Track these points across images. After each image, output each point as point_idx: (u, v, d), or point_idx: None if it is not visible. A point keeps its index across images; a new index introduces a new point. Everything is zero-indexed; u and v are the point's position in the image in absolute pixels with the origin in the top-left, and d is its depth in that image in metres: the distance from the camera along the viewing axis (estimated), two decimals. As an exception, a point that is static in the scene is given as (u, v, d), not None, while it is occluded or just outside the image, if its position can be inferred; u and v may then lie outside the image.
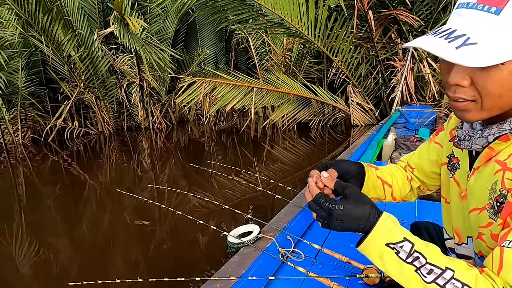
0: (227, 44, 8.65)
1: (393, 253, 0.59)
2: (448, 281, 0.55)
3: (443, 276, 0.56)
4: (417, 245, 0.60)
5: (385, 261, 0.60)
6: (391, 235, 0.61)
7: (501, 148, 0.62)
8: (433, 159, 0.88)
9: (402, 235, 0.61)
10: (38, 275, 2.50)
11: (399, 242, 0.60)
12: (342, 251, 1.39)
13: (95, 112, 7.50)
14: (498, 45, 0.51)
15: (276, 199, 1.97)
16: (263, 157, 5.26)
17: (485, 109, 0.58)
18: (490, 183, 0.63)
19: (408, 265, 0.58)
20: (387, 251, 0.60)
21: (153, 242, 2.82)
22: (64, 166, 5.44)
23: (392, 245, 0.60)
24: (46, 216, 3.54)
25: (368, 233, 0.62)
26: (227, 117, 7.90)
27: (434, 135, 0.90)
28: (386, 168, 0.94)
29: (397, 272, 0.60)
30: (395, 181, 0.92)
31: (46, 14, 5.96)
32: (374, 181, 0.89)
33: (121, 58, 6.98)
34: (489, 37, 0.52)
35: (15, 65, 6.44)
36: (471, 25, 0.54)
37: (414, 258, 0.58)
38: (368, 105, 6.39)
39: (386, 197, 0.92)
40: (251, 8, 5.35)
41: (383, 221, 0.62)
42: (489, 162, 0.64)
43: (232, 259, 1.31)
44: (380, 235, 0.61)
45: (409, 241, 0.60)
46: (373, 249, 0.62)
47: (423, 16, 5.95)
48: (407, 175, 0.96)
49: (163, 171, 5.02)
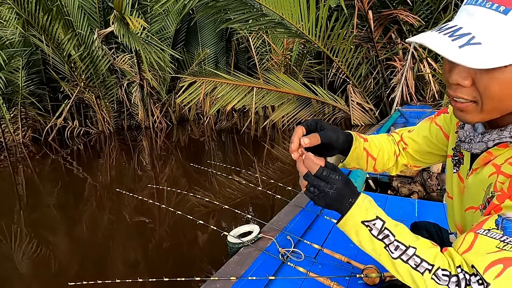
0: (228, 43, 8.65)
1: (367, 230, 0.64)
2: (411, 257, 0.60)
3: (407, 252, 0.61)
4: (388, 223, 0.64)
5: (360, 237, 0.65)
6: (366, 214, 0.65)
7: (499, 153, 0.63)
8: (433, 142, 0.87)
9: (375, 214, 0.65)
10: (38, 274, 2.50)
11: (372, 220, 0.64)
12: (342, 251, 1.39)
13: (95, 111, 7.50)
14: (503, 46, 0.50)
15: (276, 199, 1.97)
16: (263, 157, 5.26)
17: (485, 111, 0.57)
18: (486, 185, 0.64)
19: (379, 241, 0.63)
20: (361, 228, 0.65)
21: (153, 242, 2.82)
22: (64, 165, 5.44)
23: (366, 223, 0.64)
24: (46, 215, 3.55)
25: (347, 211, 0.66)
26: (227, 116, 7.90)
27: (435, 115, 0.88)
28: (375, 139, 0.91)
29: (370, 248, 0.65)
30: (381, 155, 0.90)
31: (46, 14, 5.96)
32: (360, 152, 0.87)
33: (121, 58, 6.98)
34: (494, 37, 0.50)
35: (16, 64, 6.45)
36: (477, 23, 0.52)
37: (385, 235, 0.63)
38: (368, 105, 6.39)
39: (367, 168, 0.91)
40: (252, 8, 5.35)
41: (360, 201, 0.66)
42: (487, 165, 0.65)
43: (232, 259, 1.31)
44: (357, 214, 0.65)
45: (381, 219, 0.64)
46: (350, 226, 0.66)
47: (423, 16, 5.94)
48: (395, 149, 0.93)
49: (163, 170, 5.02)
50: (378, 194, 2.24)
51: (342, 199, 0.66)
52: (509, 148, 0.62)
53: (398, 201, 2.00)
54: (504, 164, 0.60)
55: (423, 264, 0.59)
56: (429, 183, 2.55)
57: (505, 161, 0.61)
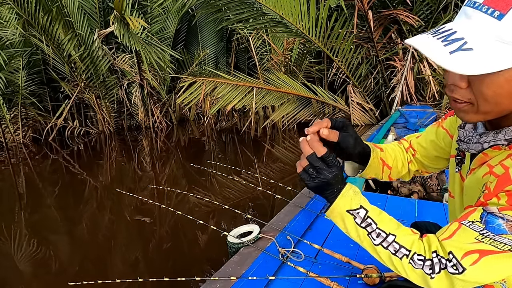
0: (228, 44, 8.65)
1: (352, 218, 0.68)
2: (390, 243, 0.65)
3: (387, 239, 0.65)
4: (371, 212, 0.68)
5: (346, 224, 0.69)
6: (351, 203, 0.69)
7: (494, 155, 0.64)
8: (441, 146, 0.88)
9: (359, 203, 0.69)
10: (38, 274, 2.50)
11: (357, 209, 0.68)
12: (342, 251, 1.39)
13: (95, 112, 7.50)
14: (493, 53, 0.50)
15: (276, 199, 1.97)
16: (264, 157, 5.26)
17: (482, 112, 0.58)
18: (481, 185, 0.66)
19: (362, 229, 0.67)
20: (347, 216, 0.69)
21: (153, 242, 2.82)
22: (65, 165, 5.45)
23: (351, 211, 0.68)
24: (46, 215, 3.55)
25: (334, 200, 0.70)
26: (227, 117, 7.90)
27: (442, 119, 0.89)
28: (389, 148, 0.94)
29: (355, 234, 0.69)
30: (395, 164, 0.93)
31: (46, 14, 5.96)
32: (377, 162, 0.90)
33: (122, 58, 6.98)
34: (486, 43, 0.51)
35: (16, 64, 6.45)
36: (472, 27, 0.53)
37: (367, 223, 0.67)
38: (368, 105, 6.39)
39: (383, 177, 0.94)
40: (252, 8, 5.35)
41: (346, 191, 0.70)
42: (483, 166, 0.66)
43: (232, 259, 1.31)
44: (342, 203, 0.69)
45: (364, 208, 0.68)
46: (337, 214, 0.70)
47: (423, 16, 5.94)
48: (407, 156, 0.96)
49: (163, 170, 5.03)
50: (378, 194, 2.24)
51: (334, 185, 0.69)
52: (503, 151, 0.63)
53: (398, 201, 2.00)
54: (497, 166, 0.61)
55: (402, 250, 0.64)
56: (429, 183, 2.55)
57: (499, 162, 0.62)
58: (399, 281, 1.05)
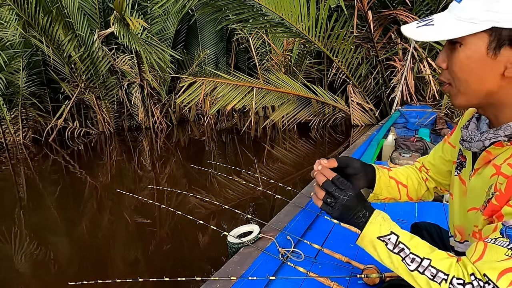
0: (228, 44, 8.65)
1: (383, 245, 0.68)
2: (426, 268, 0.63)
3: (422, 264, 0.64)
4: (402, 237, 0.68)
5: (378, 251, 0.69)
6: (381, 229, 0.69)
7: (498, 153, 0.65)
8: (447, 159, 0.90)
9: (390, 229, 0.69)
10: (38, 274, 2.50)
11: (387, 235, 0.68)
12: (342, 251, 1.39)
13: (95, 112, 7.50)
14: (448, 27, 0.60)
15: (276, 199, 1.97)
16: (264, 157, 5.26)
17: (461, 92, 0.64)
18: (487, 186, 0.66)
19: (395, 255, 0.67)
20: (378, 243, 0.69)
21: (153, 242, 2.82)
22: (65, 166, 5.45)
23: (382, 238, 0.68)
24: (46, 215, 3.55)
25: (363, 228, 0.71)
26: (227, 117, 7.90)
27: (448, 135, 0.92)
28: (400, 169, 0.98)
29: (388, 261, 0.68)
30: (410, 182, 0.96)
31: (46, 15, 5.97)
32: (387, 181, 0.93)
33: (122, 58, 6.98)
34: (446, 21, 0.61)
35: (16, 65, 6.45)
36: (443, 13, 0.63)
37: (400, 249, 0.66)
38: (368, 105, 6.39)
39: (401, 197, 0.96)
40: (252, 8, 5.35)
41: (374, 218, 0.71)
42: (488, 165, 0.67)
43: (232, 259, 1.31)
44: (372, 230, 0.70)
45: (395, 234, 0.68)
46: (367, 241, 0.70)
47: (423, 16, 5.94)
48: (422, 175, 0.98)
49: (163, 171, 5.03)
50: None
51: (355, 209, 0.70)
52: (507, 148, 0.63)
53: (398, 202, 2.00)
54: (504, 165, 0.62)
55: (439, 274, 0.62)
56: (429, 183, 2.55)
57: (504, 161, 0.62)
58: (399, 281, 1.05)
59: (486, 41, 0.57)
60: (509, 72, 0.57)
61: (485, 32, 0.56)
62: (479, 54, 0.58)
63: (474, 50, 0.58)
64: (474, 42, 0.58)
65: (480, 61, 0.58)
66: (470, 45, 0.58)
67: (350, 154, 2.73)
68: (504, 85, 0.59)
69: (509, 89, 0.60)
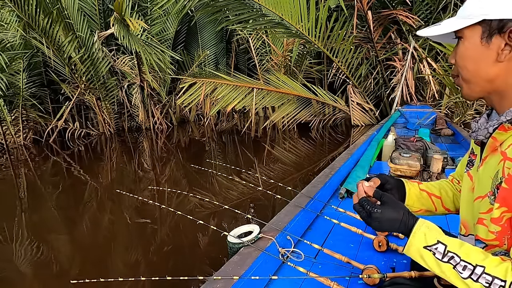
0: (228, 45, 8.66)
1: (431, 254, 0.68)
2: (480, 275, 0.62)
3: (475, 271, 0.63)
4: (450, 246, 0.67)
5: (426, 261, 0.69)
6: (426, 239, 0.69)
7: (503, 138, 0.68)
8: None
9: (436, 238, 0.69)
10: (39, 275, 2.51)
11: (434, 244, 0.68)
12: (342, 251, 1.39)
13: (96, 113, 7.51)
14: (449, 23, 0.70)
15: (276, 199, 1.98)
16: (264, 158, 5.27)
17: (464, 80, 0.72)
18: (494, 172, 0.68)
19: (445, 264, 0.66)
20: (425, 252, 0.69)
21: (154, 242, 2.82)
22: (65, 166, 5.46)
23: (428, 248, 0.68)
24: (47, 216, 3.55)
25: (408, 238, 0.72)
26: (227, 117, 7.91)
27: None
28: (433, 182, 1.03)
29: (438, 270, 0.68)
30: (444, 193, 0.99)
31: (46, 16, 5.98)
32: (417, 193, 0.97)
33: (122, 59, 6.99)
34: (449, 20, 0.71)
35: (17, 66, 6.46)
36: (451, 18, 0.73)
37: (450, 257, 0.66)
38: (368, 105, 6.40)
39: (437, 208, 0.99)
40: (251, 9, 5.36)
41: (418, 227, 0.71)
42: (495, 153, 0.70)
43: (232, 259, 1.31)
44: (417, 240, 0.70)
45: (442, 243, 0.68)
46: (414, 251, 0.71)
47: (423, 16, 5.95)
48: (456, 187, 1.01)
49: (163, 171, 5.03)
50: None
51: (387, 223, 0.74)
52: (510, 132, 0.67)
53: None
54: (509, 149, 0.65)
55: (496, 281, 0.60)
56: (429, 183, 2.55)
57: (508, 146, 0.66)
58: (402, 279, 1.05)
59: (480, 32, 0.66)
60: (501, 58, 0.65)
61: (478, 25, 0.66)
62: (475, 44, 0.67)
63: (471, 41, 0.68)
64: (470, 35, 0.68)
65: (476, 50, 0.67)
66: (468, 37, 0.68)
67: (350, 154, 2.73)
68: (501, 72, 0.66)
69: (507, 77, 0.66)
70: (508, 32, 0.62)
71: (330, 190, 2.10)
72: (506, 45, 0.63)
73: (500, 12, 0.62)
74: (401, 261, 1.35)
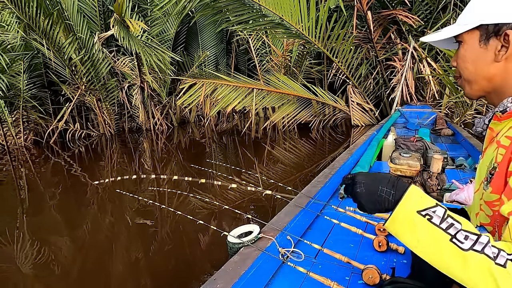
0: (228, 45, 8.67)
1: (426, 220, 0.56)
2: (486, 245, 0.52)
3: (480, 241, 0.53)
4: (450, 212, 0.58)
5: (417, 230, 0.56)
6: (423, 202, 0.58)
7: (499, 129, 0.73)
8: None
9: (435, 202, 0.59)
10: (39, 275, 2.51)
11: (432, 207, 0.57)
12: (342, 251, 1.39)
13: (96, 114, 7.52)
14: (450, 29, 0.75)
15: (276, 199, 1.98)
16: (264, 158, 5.27)
17: (465, 80, 0.76)
18: (489, 161, 0.72)
19: (442, 232, 0.54)
20: (419, 219, 0.56)
21: (154, 243, 2.83)
22: (66, 167, 5.46)
23: (424, 212, 0.56)
24: (48, 217, 3.56)
25: (396, 205, 0.60)
26: (228, 118, 7.91)
27: None
28: None
29: (430, 241, 0.55)
30: None
31: (47, 18, 5.99)
32: None
33: (122, 60, 7.00)
34: (450, 26, 0.76)
35: (17, 68, 6.48)
36: None
37: (449, 224, 0.55)
38: (368, 105, 6.40)
39: None
40: (252, 9, 5.36)
41: (413, 190, 0.61)
42: (492, 143, 0.74)
43: (232, 259, 1.31)
44: (410, 204, 0.58)
45: (441, 207, 0.58)
46: (402, 221, 0.58)
47: (422, 16, 5.95)
48: None
49: (164, 172, 5.03)
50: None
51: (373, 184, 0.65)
52: (505, 122, 0.71)
53: None
54: (502, 137, 0.69)
55: (502, 253, 0.51)
56: (429, 183, 2.55)
57: (502, 135, 0.69)
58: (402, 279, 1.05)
59: (478, 36, 0.72)
60: (498, 58, 0.70)
61: (476, 29, 0.72)
62: (473, 47, 0.73)
63: (470, 44, 0.73)
64: (469, 39, 0.73)
65: (475, 52, 0.72)
66: (467, 41, 0.74)
67: (350, 154, 2.73)
68: (498, 71, 0.71)
69: (504, 75, 0.71)
70: (504, 34, 0.67)
71: (330, 190, 2.10)
72: (502, 47, 0.69)
73: (496, 17, 0.68)
74: (401, 261, 1.35)
